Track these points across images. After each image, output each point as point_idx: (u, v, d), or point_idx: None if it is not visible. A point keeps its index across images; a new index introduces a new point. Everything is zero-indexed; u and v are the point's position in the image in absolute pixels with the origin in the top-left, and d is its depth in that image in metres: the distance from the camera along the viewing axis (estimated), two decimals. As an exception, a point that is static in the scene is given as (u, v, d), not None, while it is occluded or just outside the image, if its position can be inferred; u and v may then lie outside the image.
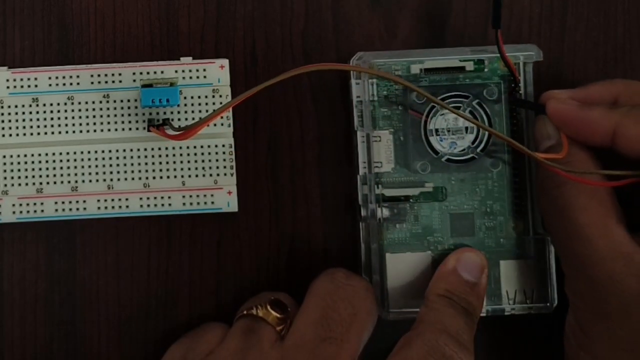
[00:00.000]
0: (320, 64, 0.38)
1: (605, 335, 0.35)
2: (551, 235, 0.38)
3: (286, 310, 0.37)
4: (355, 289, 0.37)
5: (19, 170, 0.39)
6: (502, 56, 0.37)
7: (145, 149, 0.39)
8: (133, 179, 0.39)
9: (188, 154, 0.39)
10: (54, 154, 0.39)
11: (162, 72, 0.40)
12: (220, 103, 0.40)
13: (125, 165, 0.39)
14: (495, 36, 0.37)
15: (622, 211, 0.35)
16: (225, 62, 0.40)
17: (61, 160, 0.39)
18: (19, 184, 0.39)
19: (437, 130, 0.39)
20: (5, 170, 0.39)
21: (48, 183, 0.39)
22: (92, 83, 0.40)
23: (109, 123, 0.39)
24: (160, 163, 0.39)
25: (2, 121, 0.39)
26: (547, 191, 0.36)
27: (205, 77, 0.40)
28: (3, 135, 0.39)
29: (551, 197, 0.36)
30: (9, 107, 0.39)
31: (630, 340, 0.35)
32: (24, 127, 0.39)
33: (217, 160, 0.40)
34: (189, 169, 0.39)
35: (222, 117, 0.39)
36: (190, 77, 0.40)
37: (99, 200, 0.39)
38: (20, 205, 0.39)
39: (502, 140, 0.38)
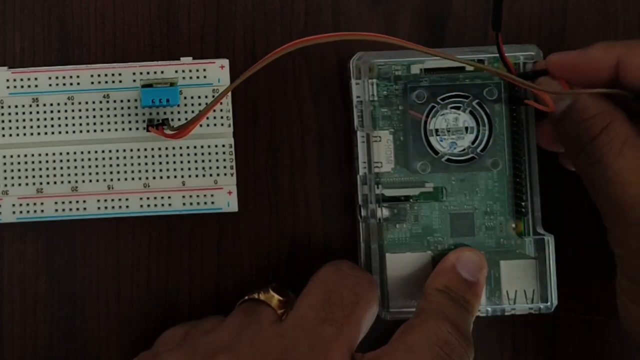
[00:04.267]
0: (307, 38, 0.37)
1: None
2: (590, 191, 0.36)
3: (287, 295, 0.37)
4: (359, 279, 0.37)
5: (19, 170, 0.39)
6: (502, 58, 0.37)
7: (145, 149, 0.39)
8: (133, 179, 0.39)
9: (188, 154, 0.40)
10: (54, 154, 0.39)
11: (162, 72, 0.40)
12: (221, 103, 0.40)
13: (125, 165, 0.39)
14: (495, 38, 0.37)
15: None
16: (225, 62, 0.40)
17: (61, 160, 0.39)
18: (19, 184, 0.39)
19: (437, 130, 0.39)
20: (5, 170, 0.39)
21: (48, 183, 0.39)
22: (92, 83, 0.40)
23: (109, 123, 0.39)
24: (160, 163, 0.39)
25: (2, 121, 0.39)
26: (583, 146, 0.36)
27: (205, 77, 0.40)
28: (3, 135, 0.39)
29: (587, 151, 0.35)
30: (9, 107, 0.39)
31: None
32: (24, 127, 0.39)
33: (217, 160, 0.40)
34: (189, 169, 0.39)
35: (222, 118, 0.40)
36: (190, 77, 0.40)
37: (99, 200, 0.39)
38: (20, 205, 0.39)
39: (495, 74, 0.38)
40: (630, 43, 0.35)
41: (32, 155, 0.39)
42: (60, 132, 0.39)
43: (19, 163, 0.39)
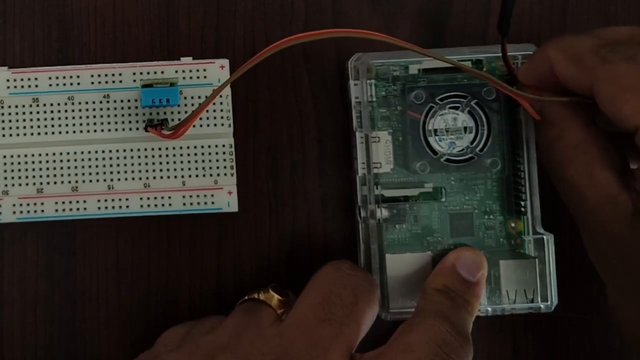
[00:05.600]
0: (301, 35, 0.36)
1: (611, 285, 0.35)
2: (560, 193, 0.37)
3: (287, 295, 0.37)
4: (360, 280, 0.37)
5: (19, 170, 0.39)
6: (505, 60, 0.37)
7: (145, 149, 0.39)
8: (133, 179, 0.39)
9: (188, 154, 0.40)
10: (54, 154, 0.39)
11: (162, 72, 0.40)
12: (221, 103, 0.40)
13: (125, 165, 0.39)
14: (500, 40, 0.37)
15: (615, 156, 0.35)
16: (225, 62, 0.40)
17: (61, 160, 0.39)
18: (19, 184, 0.39)
19: (435, 130, 0.39)
20: (5, 170, 0.39)
21: (48, 183, 0.39)
22: (92, 83, 0.40)
23: (109, 123, 0.39)
24: (160, 163, 0.39)
25: (2, 121, 0.39)
26: (543, 153, 0.37)
27: (205, 77, 0.40)
28: (3, 135, 0.39)
29: (547, 158, 0.36)
30: (9, 107, 0.39)
31: (629, 287, 0.34)
32: (24, 127, 0.39)
33: (217, 160, 0.40)
34: (189, 169, 0.40)
35: (222, 118, 0.40)
36: (191, 77, 0.40)
37: (99, 200, 0.39)
38: (20, 205, 0.39)
39: (486, 80, 0.38)
40: (562, 43, 0.35)
41: (32, 155, 0.39)
42: (60, 132, 0.39)
43: (19, 163, 0.39)
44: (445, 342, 0.35)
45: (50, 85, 0.40)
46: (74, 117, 0.39)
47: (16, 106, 0.39)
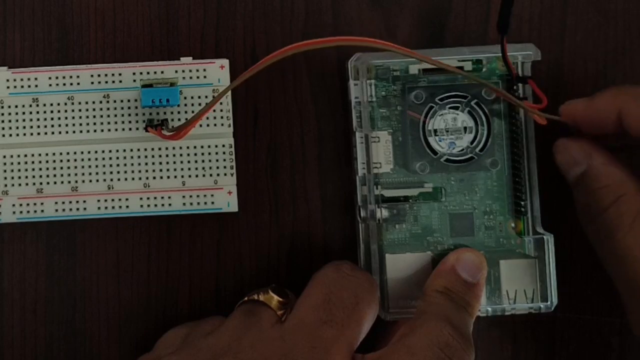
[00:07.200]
0: (306, 42, 0.36)
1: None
2: (604, 262, 0.36)
3: (287, 296, 0.37)
4: (360, 280, 0.37)
5: (19, 170, 0.39)
6: (504, 60, 0.37)
7: (145, 149, 0.39)
8: (133, 179, 0.39)
9: (188, 154, 0.40)
10: (54, 154, 0.39)
11: (162, 72, 0.40)
12: (221, 103, 0.40)
13: (125, 165, 0.39)
14: (500, 40, 0.37)
15: None
16: (225, 62, 0.40)
17: (61, 160, 0.39)
18: (19, 184, 0.39)
19: (435, 130, 0.39)
20: (5, 170, 0.39)
21: (48, 183, 0.39)
22: (92, 83, 0.40)
23: (109, 123, 0.39)
24: (160, 163, 0.39)
25: (2, 121, 0.39)
26: (592, 218, 0.36)
27: (205, 77, 0.40)
28: (3, 135, 0.39)
29: (597, 223, 0.36)
30: (9, 107, 0.39)
31: None
32: (24, 127, 0.39)
33: (217, 160, 0.40)
34: (189, 169, 0.40)
35: (222, 118, 0.40)
36: (190, 77, 0.40)
37: (99, 200, 0.39)
38: (20, 205, 0.39)
39: (491, 90, 0.38)
40: (636, 92, 0.35)
41: (32, 155, 0.39)
42: (60, 132, 0.39)
43: (19, 163, 0.39)
44: (448, 345, 0.35)
45: (50, 85, 0.40)
46: (74, 117, 0.39)
47: (16, 106, 0.39)
